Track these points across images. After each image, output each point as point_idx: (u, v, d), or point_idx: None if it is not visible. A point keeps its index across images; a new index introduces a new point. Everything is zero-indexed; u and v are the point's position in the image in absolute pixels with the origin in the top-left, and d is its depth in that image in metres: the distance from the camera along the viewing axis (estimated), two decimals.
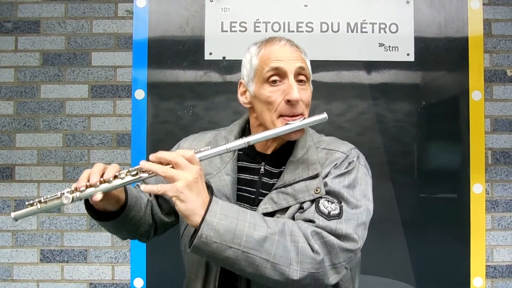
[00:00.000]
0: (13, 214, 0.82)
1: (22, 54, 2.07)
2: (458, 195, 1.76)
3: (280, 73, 0.96)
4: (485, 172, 1.88)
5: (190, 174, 0.81)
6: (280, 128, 0.94)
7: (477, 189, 1.75)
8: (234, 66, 1.78)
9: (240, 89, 1.06)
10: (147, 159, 0.86)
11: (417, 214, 1.76)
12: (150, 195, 1.08)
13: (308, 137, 1.04)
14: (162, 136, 1.77)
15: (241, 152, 1.06)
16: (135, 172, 0.85)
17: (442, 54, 1.78)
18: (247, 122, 1.10)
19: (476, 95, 1.77)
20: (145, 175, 0.85)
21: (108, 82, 2.06)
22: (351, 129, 1.78)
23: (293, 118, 0.96)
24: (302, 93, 0.97)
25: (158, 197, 1.08)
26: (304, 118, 0.97)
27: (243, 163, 1.05)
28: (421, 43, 1.78)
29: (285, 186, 0.96)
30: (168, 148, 1.81)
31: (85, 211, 0.94)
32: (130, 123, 1.98)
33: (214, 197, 0.85)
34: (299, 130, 0.96)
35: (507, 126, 2.02)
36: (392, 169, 1.76)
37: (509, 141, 2.02)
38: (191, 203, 0.81)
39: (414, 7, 1.79)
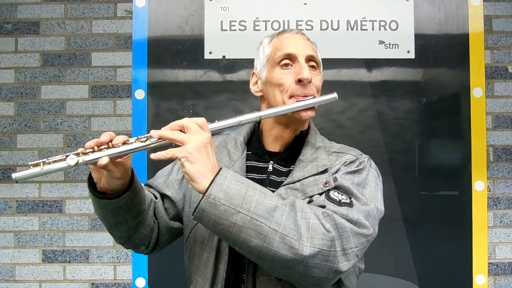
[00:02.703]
0: (14, 175, 0.79)
1: (22, 55, 2.07)
2: (460, 192, 1.76)
3: (291, 58, 0.98)
4: (487, 169, 1.88)
5: (200, 138, 0.81)
6: (292, 105, 0.95)
7: (479, 186, 1.74)
8: (234, 65, 1.78)
9: (252, 80, 1.08)
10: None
11: (418, 211, 1.76)
12: (155, 197, 1.05)
13: (318, 138, 1.04)
14: None
15: (250, 152, 1.05)
16: (145, 139, 0.83)
17: (442, 51, 1.78)
18: (257, 122, 1.09)
19: (477, 92, 1.76)
20: (154, 140, 0.83)
21: (108, 82, 2.06)
22: (352, 127, 1.78)
23: (304, 98, 0.97)
24: (313, 76, 0.98)
25: (164, 200, 1.06)
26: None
27: (252, 162, 1.04)
28: (421, 40, 1.77)
29: (293, 182, 0.95)
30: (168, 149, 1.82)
31: (87, 211, 0.93)
32: (130, 123, 1.98)
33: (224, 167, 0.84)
34: (310, 109, 0.97)
35: (509, 122, 2.01)
36: (393, 166, 1.76)
37: (510, 138, 2.01)
38: (200, 165, 0.79)
39: (414, 4, 1.78)
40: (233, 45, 1.78)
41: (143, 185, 0.80)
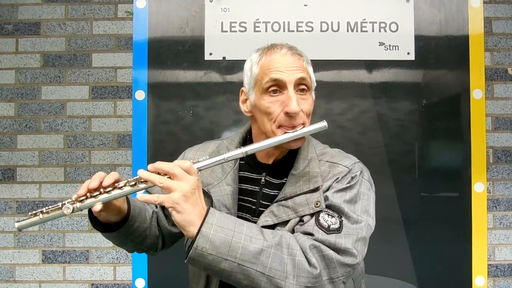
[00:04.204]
0: (17, 224, 0.87)
1: (22, 55, 2.07)
2: (460, 194, 1.76)
3: (280, 84, 0.94)
4: (487, 171, 1.88)
5: (187, 185, 0.82)
6: (279, 137, 0.93)
7: (479, 187, 1.74)
8: (234, 66, 1.78)
9: (242, 97, 1.04)
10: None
11: (418, 213, 1.76)
12: (156, 206, 1.07)
13: (311, 148, 1.02)
14: (163, 136, 1.77)
15: (243, 162, 1.05)
16: (133, 183, 0.86)
17: (442, 52, 1.78)
18: (249, 131, 1.08)
19: (477, 93, 1.76)
20: (143, 185, 0.86)
21: (109, 83, 2.06)
22: (352, 128, 1.78)
23: (293, 129, 0.94)
24: (302, 103, 0.95)
25: (164, 208, 1.07)
26: (304, 127, 0.95)
27: (245, 173, 1.04)
28: (421, 41, 1.78)
29: (285, 199, 0.95)
30: (169, 149, 1.82)
31: (86, 212, 0.94)
32: (130, 124, 1.98)
33: (211, 208, 0.85)
34: (299, 139, 0.95)
35: (509, 124, 2.02)
36: (393, 168, 1.76)
37: (510, 140, 2.02)
38: (187, 214, 0.81)
39: (414, 6, 1.78)
40: (234, 46, 1.78)
41: (143, 198, 0.82)
